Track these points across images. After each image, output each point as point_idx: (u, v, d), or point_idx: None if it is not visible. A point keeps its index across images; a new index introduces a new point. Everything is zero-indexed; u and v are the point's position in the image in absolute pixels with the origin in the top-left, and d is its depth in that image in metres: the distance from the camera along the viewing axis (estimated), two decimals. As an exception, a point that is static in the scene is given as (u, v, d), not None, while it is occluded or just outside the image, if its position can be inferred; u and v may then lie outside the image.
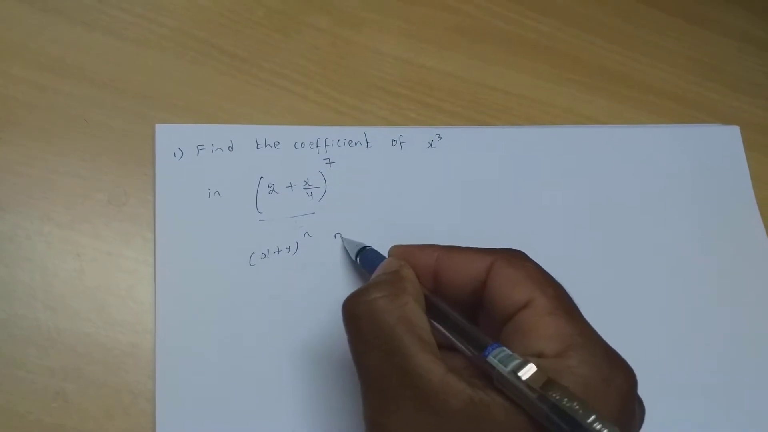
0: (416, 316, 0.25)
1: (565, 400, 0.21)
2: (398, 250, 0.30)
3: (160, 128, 0.34)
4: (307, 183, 0.35)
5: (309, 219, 0.34)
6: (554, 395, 0.21)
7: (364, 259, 0.32)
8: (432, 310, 0.27)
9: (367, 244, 0.33)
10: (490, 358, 0.23)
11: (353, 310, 0.25)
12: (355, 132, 0.37)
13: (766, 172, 0.44)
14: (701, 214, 0.41)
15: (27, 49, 0.35)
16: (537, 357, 0.23)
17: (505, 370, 0.22)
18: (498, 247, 0.28)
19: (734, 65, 0.49)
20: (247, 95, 0.37)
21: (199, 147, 0.34)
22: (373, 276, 0.29)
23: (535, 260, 0.27)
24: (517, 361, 0.22)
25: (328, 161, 0.36)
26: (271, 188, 0.34)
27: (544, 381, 0.22)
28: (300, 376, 0.31)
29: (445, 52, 0.42)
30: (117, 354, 0.30)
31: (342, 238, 0.34)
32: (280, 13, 0.40)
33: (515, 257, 0.27)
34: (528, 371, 0.22)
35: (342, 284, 0.33)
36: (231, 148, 0.35)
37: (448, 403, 0.22)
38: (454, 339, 0.25)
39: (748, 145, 0.44)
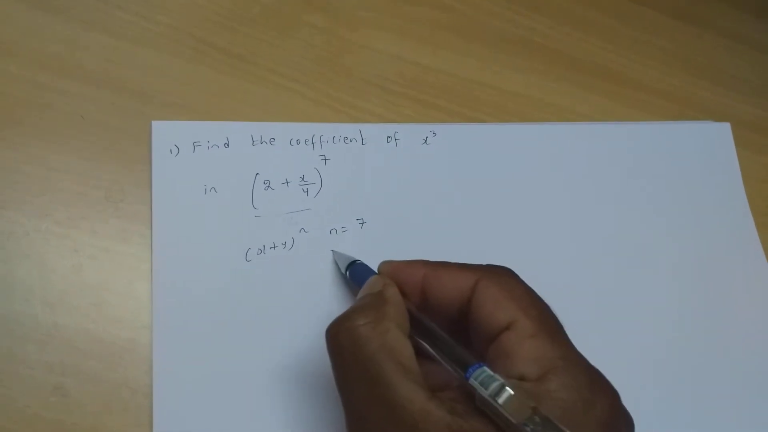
0: (398, 342, 0.25)
1: (541, 428, 0.21)
2: (387, 267, 0.30)
3: (156, 125, 0.34)
4: (302, 179, 0.36)
5: (304, 215, 0.35)
6: (530, 426, 0.21)
7: (353, 274, 0.32)
8: (418, 328, 0.27)
9: (357, 258, 0.33)
10: (471, 380, 0.23)
11: (336, 338, 0.25)
12: (351, 129, 0.37)
13: (756, 168, 0.45)
14: (692, 209, 0.42)
15: (24, 47, 0.35)
16: (518, 380, 0.23)
17: (485, 393, 0.22)
18: (486, 258, 0.28)
19: (725, 63, 0.49)
20: (243, 93, 0.37)
21: (195, 144, 0.35)
22: (358, 296, 0.29)
23: (521, 277, 0.27)
24: (497, 383, 0.22)
25: (323, 158, 0.36)
26: (267, 184, 0.35)
27: (524, 405, 0.22)
28: (296, 370, 0.32)
29: (440, 50, 0.42)
30: (115, 349, 0.30)
31: (333, 251, 0.34)
32: (276, 11, 0.40)
33: (501, 275, 0.27)
34: (507, 394, 0.22)
35: (337, 280, 0.34)
36: (227, 144, 0.35)
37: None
38: (438, 357, 0.25)
39: (739, 142, 0.45)
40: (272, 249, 0.34)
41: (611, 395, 0.24)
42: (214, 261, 0.33)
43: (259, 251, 0.33)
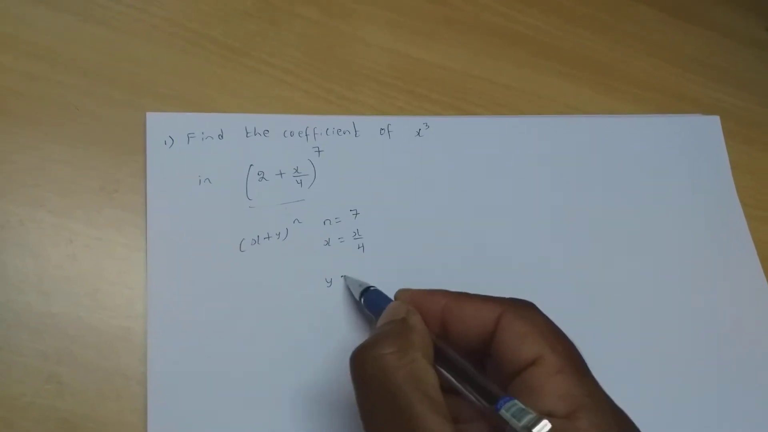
0: (425, 372, 0.24)
1: None
2: (405, 295, 0.29)
3: (150, 116, 0.35)
4: (296, 171, 0.36)
5: (299, 206, 0.35)
6: None
7: (368, 301, 0.32)
8: (441, 358, 0.26)
9: (372, 285, 0.32)
10: (503, 412, 0.23)
11: (362, 366, 0.25)
12: (344, 121, 0.38)
13: (745, 160, 0.45)
14: (682, 201, 0.42)
15: (18, 39, 0.35)
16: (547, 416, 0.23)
17: (518, 425, 0.22)
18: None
19: (715, 57, 0.50)
20: (237, 84, 0.37)
21: (190, 135, 0.35)
22: (380, 322, 0.28)
23: (545, 313, 0.27)
24: (530, 416, 0.22)
25: (317, 149, 0.36)
26: (261, 176, 0.35)
27: None
28: (289, 359, 0.32)
29: (433, 43, 0.43)
30: (109, 338, 0.31)
31: (345, 277, 0.34)
32: (269, 3, 0.40)
33: (525, 309, 0.27)
34: (543, 428, 0.22)
35: (331, 269, 0.34)
36: (221, 136, 0.35)
37: None
38: (463, 389, 0.25)
39: (728, 135, 0.45)
40: (266, 239, 0.34)
41: None
42: (208, 251, 0.33)
43: (254, 241, 0.34)
